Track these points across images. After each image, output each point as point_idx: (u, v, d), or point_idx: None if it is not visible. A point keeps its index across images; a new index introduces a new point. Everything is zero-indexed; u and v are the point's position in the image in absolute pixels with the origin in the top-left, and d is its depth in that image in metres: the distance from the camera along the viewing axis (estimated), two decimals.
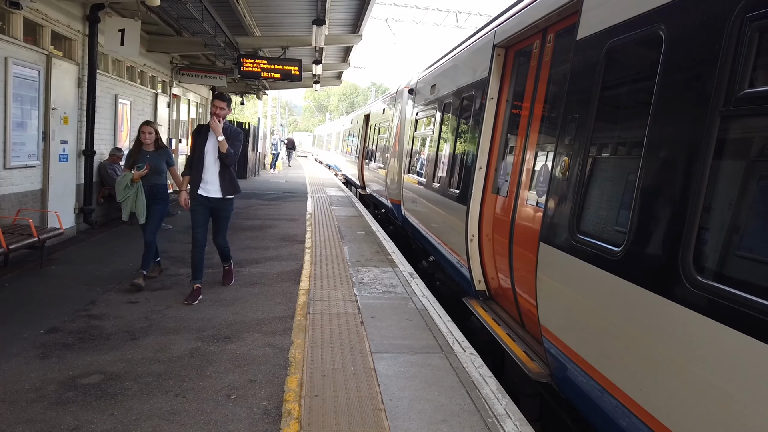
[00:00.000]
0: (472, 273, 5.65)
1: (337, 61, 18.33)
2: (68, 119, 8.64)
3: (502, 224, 5.07)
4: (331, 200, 16.06)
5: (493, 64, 5.55)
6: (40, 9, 7.65)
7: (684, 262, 2.40)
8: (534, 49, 4.84)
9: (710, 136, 2.39)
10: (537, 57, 4.76)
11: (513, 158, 5.03)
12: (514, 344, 4.44)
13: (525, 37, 5.03)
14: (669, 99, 2.74)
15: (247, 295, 6.19)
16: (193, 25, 10.52)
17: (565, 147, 3.74)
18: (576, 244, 3.37)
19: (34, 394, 3.68)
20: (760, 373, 1.97)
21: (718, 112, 2.38)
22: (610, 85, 3.38)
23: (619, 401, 2.85)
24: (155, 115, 13.13)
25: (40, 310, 5.36)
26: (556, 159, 3.85)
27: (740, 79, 2.30)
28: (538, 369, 3.97)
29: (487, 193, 5.51)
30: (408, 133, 10.40)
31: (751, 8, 2.23)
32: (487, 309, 5.32)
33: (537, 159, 4.51)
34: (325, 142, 42.07)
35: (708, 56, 2.45)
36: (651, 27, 2.90)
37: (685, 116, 2.59)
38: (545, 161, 4.29)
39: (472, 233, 5.58)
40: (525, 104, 4.95)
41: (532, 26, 4.72)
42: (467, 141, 6.26)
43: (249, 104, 32.00)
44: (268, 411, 3.58)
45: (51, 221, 8.00)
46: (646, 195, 2.79)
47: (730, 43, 2.33)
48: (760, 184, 2.25)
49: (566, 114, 3.81)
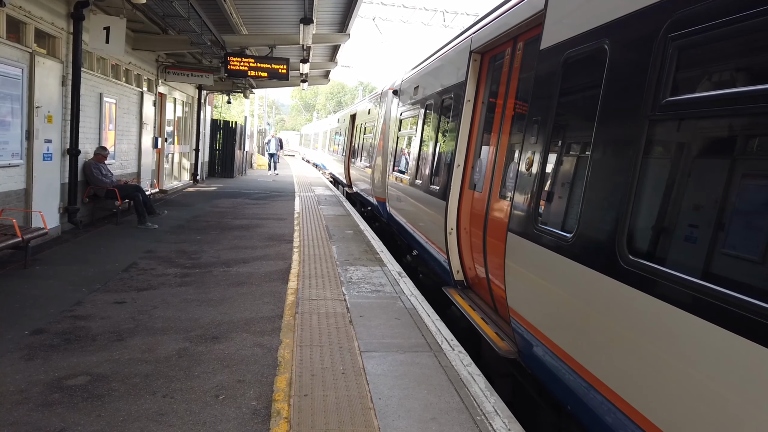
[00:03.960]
0: (451, 264, 6.04)
1: (324, 59, 18.29)
2: (52, 118, 8.54)
3: (477, 217, 5.45)
4: (318, 199, 16.03)
5: (469, 68, 5.96)
6: (23, 6, 7.55)
7: (620, 245, 2.80)
8: (506, 56, 5.24)
9: (641, 138, 2.77)
10: (508, 63, 5.15)
11: (487, 156, 5.44)
12: (487, 327, 4.82)
13: (498, 44, 5.40)
14: (610, 104, 3.11)
15: (235, 294, 6.16)
16: (179, 23, 10.42)
17: (529, 146, 4.17)
18: (537, 233, 3.78)
19: (19, 396, 3.64)
20: (675, 332, 2.39)
21: (647, 116, 2.74)
22: (566, 91, 3.77)
23: (575, 371, 3.22)
24: (141, 113, 13.03)
25: (25, 311, 5.30)
26: (522, 157, 4.28)
27: (664, 89, 2.67)
28: (506, 347, 4.37)
29: (465, 189, 5.91)
30: (392, 132, 10.71)
31: (673, 29, 2.63)
32: (465, 297, 5.67)
33: (507, 157, 4.89)
34: (312, 141, 42.43)
35: (640, 68, 2.83)
36: (598, 41, 3.30)
37: (622, 120, 2.97)
38: (513, 159, 4.68)
39: (451, 227, 5.98)
40: (498, 106, 5.35)
41: (504, 34, 5.10)
42: (447, 140, 6.61)
43: (236, 103, 31.78)
44: (257, 411, 3.57)
45: (35, 221, 7.90)
46: (591, 188, 3.19)
47: (656, 57, 2.71)
48: (680, 180, 2.65)
49: (531, 116, 4.23)
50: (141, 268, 7.14)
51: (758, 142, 2.28)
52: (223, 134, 23.08)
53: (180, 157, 18.20)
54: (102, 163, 10.08)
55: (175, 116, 16.95)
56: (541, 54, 4.09)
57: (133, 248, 8.25)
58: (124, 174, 11.82)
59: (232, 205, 14.14)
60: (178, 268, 7.27)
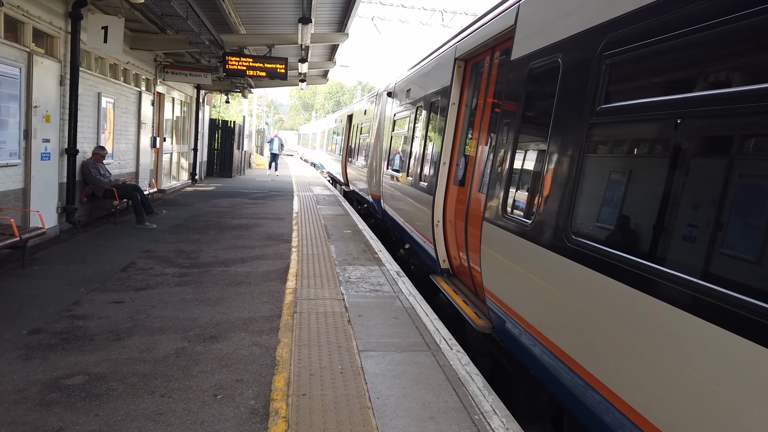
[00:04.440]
0: (438, 254, 6.57)
1: (323, 59, 18.28)
2: (50, 117, 8.52)
3: (460, 211, 5.94)
4: (317, 199, 16.02)
5: (454, 74, 6.49)
6: (21, 6, 7.54)
7: (566, 228, 3.34)
8: (485, 64, 5.74)
9: (582, 139, 3.32)
10: (487, 70, 5.65)
11: (469, 155, 6.01)
12: (468, 307, 5.33)
13: (479, 53, 5.91)
14: (561, 110, 3.65)
15: (234, 294, 6.16)
16: (177, 22, 10.41)
17: (501, 145, 4.78)
18: (506, 221, 4.33)
19: (17, 396, 3.63)
20: (607, 298, 2.89)
21: (587, 121, 3.28)
22: (530, 97, 4.34)
23: (538, 340, 3.68)
24: (139, 113, 13.01)
25: (23, 310, 5.29)
26: (495, 155, 4.85)
27: (599, 97, 3.20)
28: (483, 324, 4.88)
29: (450, 185, 6.43)
30: (387, 132, 11.21)
31: (606, 49, 3.18)
32: (450, 283, 6.20)
33: (485, 155, 5.40)
34: (310, 140, 42.78)
35: (583, 80, 3.38)
36: (553, 56, 3.84)
37: (570, 124, 3.52)
38: (488, 157, 5.20)
39: (438, 219, 6.54)
40: (479, 109, 5.86)
41: (483, 44, 5.60)
42: (434, 140, 7.12)
43: (234, 102, 31.70)
44: (255, 410, 3.57)
45: (33, 221, 7.89)
46: (545, 182, 3.75)
47: (594, 72, 3.26)
48: (612, 174, 3.25)
49: (503, 119, 4.85)
50: (139, 268, 7.13)
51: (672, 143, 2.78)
52: (221, 134, 23.07)
53: (178, 157, 18.19)
54: (100, 162, 10.07)
55: (173, 116, 16.94)
56: (511, 64, 4.65)
57: (132, 248, 8.25)
58: (122, 174, 11.81)
59: (231, 204, 14.14)
60: (176, 267, 7.26)
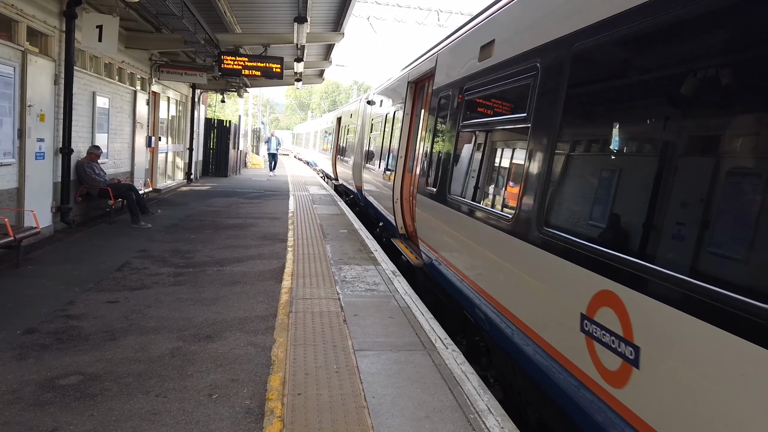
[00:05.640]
0: (396, 222, 8.99)
1: (318, 59, 18.27)
2: (45, 116, 8.49)
3: (409, 189, 8.28)
4: (313, 198, 16.01)
5: (407, 92, 8.93)
6: (15, 4, 7.50)
7: (441, 188, 5.87)
8: (425, 87, 8.08)
9: (455, 140, 5.57)
10: (427, 92, 7.90)
11: (415, 150, 8.28)
12: (411, 253, 7.66)
13: (421, 80, 8.35)
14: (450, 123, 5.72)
15: (229, 294, 6.15)
16: (172, 21, 10.39)
17: (426, 143, 7.12)
18: (426, 191, 6.63)
19: (10, 396, 3.62)
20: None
21: (456, 131, 5.16)
22: (439, 114, 6.63)
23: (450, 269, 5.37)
24: (134, 112, 12.97)
25: (17, 310, 5.27)
26: (423, 150, 7.25)
27: (462, 118, 5.15)
28: (417, 261, 7.18)
29: (405, 172, 8.72)
30: (366, 133, 13.70)
31: (464, 91, 4.66)
32: (404, 242, 8.69)
33: (421, 150, 7.63)
34: (304, 140, 44.60)
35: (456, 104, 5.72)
36: (450, 89, 6.17)
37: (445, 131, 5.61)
38: (422, 151, 7.44)
39: (396, 198, 8.87)
40: (421, 119, 8.14)
41: (422, 74, 8.07)
42: (395, 140, 9.48)
43: (230, 102, 31.67)
44: (250, 410, 3.57)
45: (27, 220, 7.85)
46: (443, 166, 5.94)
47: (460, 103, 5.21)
48: (466, 160, 5.25)
49: (429, 125, 7.18)
50: (134, 268, 7.12)
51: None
52: (217, 133, 23.00)
53: (174, 156, 18.14)
54: (95, 162, 10.03)
55: (168, 115, 16.89)
56: (433, 91, 7.08)
57: (126, 247, 8.22)
58: (117, 173, 11.77)
59: (226, 204, 14.11)
60: (171, 267, 7.25)
